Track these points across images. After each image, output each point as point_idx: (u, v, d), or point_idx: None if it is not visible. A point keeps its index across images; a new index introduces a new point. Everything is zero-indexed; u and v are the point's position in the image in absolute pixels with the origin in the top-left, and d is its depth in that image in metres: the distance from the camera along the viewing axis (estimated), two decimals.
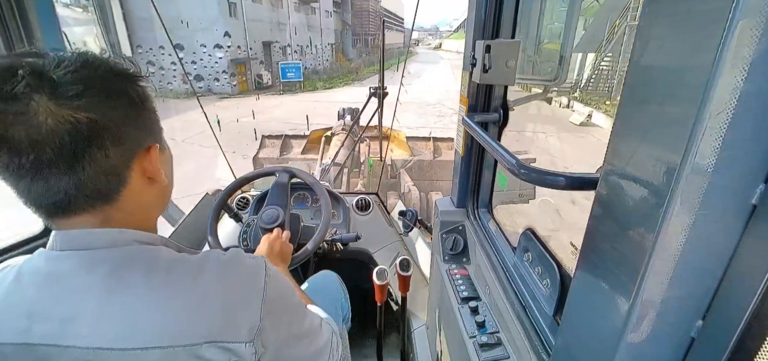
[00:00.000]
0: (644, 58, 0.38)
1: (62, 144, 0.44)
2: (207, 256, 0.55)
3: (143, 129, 0.53)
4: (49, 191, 0.46)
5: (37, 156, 0.43)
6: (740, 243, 0.34)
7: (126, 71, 0.52)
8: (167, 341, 0.47)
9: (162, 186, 0.58)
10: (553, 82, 0.93)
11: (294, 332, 0.62)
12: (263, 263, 0.59)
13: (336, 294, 1.25)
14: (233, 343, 0.50)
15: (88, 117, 0.45)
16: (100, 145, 0.47)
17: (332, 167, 3.64)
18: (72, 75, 0.45)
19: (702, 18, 0.31)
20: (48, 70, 0.44)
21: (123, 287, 0.48)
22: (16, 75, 0.43)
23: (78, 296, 0.47)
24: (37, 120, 0.42)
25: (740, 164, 0.32)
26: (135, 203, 0.54)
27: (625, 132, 0.40)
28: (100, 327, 0.47)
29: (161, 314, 0.48)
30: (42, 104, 0.43)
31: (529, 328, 0.78)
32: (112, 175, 0.50)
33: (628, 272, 0.40)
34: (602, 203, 0.44)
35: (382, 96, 3.03)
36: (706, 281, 0.37)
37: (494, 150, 0.75)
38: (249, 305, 0.53)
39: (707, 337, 0.38)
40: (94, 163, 0.47)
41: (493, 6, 0.95)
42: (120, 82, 0.50)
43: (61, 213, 0.49)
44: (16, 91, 0.42)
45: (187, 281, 0.51)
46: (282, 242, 1.14)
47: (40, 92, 0.43)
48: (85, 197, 0.48)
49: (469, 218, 1.22)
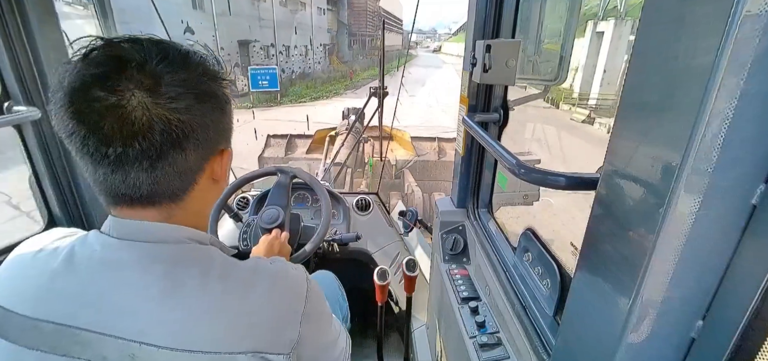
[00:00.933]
0: (644, 59, 0.38)
1: (151, 143, 0.44)
2: (257, 265, 0.55)
3: (221, 132, 0.53)
4: (125, 184, 0.46)
5: (124, 150, 0.43)
6: (740, 243, 0.34)
7: (217, 73, 0.51)
8: (214, 347, 0.47)
9: (223, 187, 0.59)
10: (553, 82, 0.93)
11: (324, 339, 0.63)
12: (305, 276, 0.59)
13: (334, 294, 1.25)
14: (273, 354, 0.50)
15: (179, 118, 0.45)
16: (184, 148, 0.47)
17: (333, 167, 3.64)
18: (173, 75, 0.45)
19: (702, 18, 0.31)
20: (150, 65, 0.44)
21: (178, 287, 0.48)
22: (125, 67, 0.43)
23: (131, 288, 0.47)
24: (134, 115, 0.42)
25: (740, 164, 0.32)
26: (198, 203, 0.54)
27: (625, 132, 0.40)
28: (150, 323, 0.46)
29: (213, 321, 0.48)
30: (140, 100, 0.43)
31: (529, 328, 0.78)
32: (185, 175, 0.50)
33: (628, 272, 0.39)
34: (602, 203, 0.44)
35: (382, 96, 3.04)
36: (706, 281, 0.37)
37: (494, 150, 0.75)
38: (292, 319, 0.54)
39: (707, 337, 0.38)
40: (174, 165, 0.47)
41: (493, 6, 0.95)
42: (211, 85, 0.50)
43: (129, 204, 0.49)
44: (119, 83, 0.42)
45: (239, 291, 0.51)
46: (281, 243, 1.14)
47: (141, 87, 0.43)
48: (156, 193, 0.49)
49: (469, 218, 1.22)
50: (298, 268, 0.60)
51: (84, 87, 0.42)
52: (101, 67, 0.43)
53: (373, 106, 3.08)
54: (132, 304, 0.46)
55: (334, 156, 4.22)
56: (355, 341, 1.94)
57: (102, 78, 0.42)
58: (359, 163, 5.88)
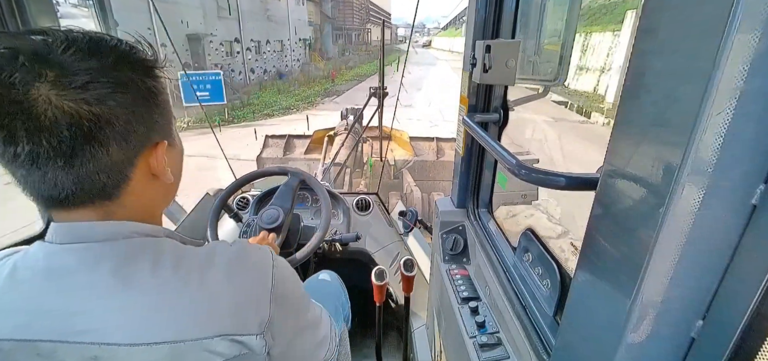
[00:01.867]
0: (644, 58, 0.38)
1: (60, 138, 0.41)
2: (213, 248, 0.54)
3: (151, 125, 0.49)
4: (46, 184, 0.44)
5: (32, 148, 0.40)
6: (740, 243, 0.34)
7: (139, 60, 0.48)
8: (175, 336, 0.46)
9: (168, 183, 0.55)
10: (553, 82, 0.93)
11: (300, 322, 0.62)
12: (270, 254, 0.57)
13: (336, 294, 1.25)
14: (244, 336, 0.50)
15: (91, 111, 0.42)
16: (102, 142, 0.44)
17: (333, 167, 3.64)
18: (79, 62, 0.42)
19: (702, 18, 0.31)
20: (54, 54, 0.41)
21: (129, 282, 0.46)
22: (16, 59, 0.39)
23: (82, 291, 0.46)
24: (36, 110, 0.39)
25: (740, 164, 0.32)
26: (137, 200, 0.51)
27: (625, 132, 0.40)
28: (106, 323, 0.45)
29: (170, 310, 0.46)
30: (43, 93, 0.39)
31: (529, 328, 0.78)
32: (112, 172, 0.47)
33: (628, 272, 0.39)
34: (602, 203, 0.44)
35: (381, 96, 3.04)
36: (706, 281, 0.37)
37: (494, 150, 0.75)
38: (259, 298, 0.52)
39: (707, 337, 0.38)
40: (94, 160, 0.44)
41: (493, 6, 0.95)
42: (130, 73, 0.46)
43: (59, 205, 0.47)
44: (14, 77, 0.39)
45: (195, 276, 0.49)
46: (268, 244, 1.14)
47: (43, 79, 0.40)
48: (83, 192, 0.46)
49: (469, 218, 1.22)
50: (262, 248, 0.58)
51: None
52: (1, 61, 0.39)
53: (372, 106, 3.08)
54: (84, 306, 0.45)
55: (333, 156, 4.22)
56: (355, 341, 1.94)
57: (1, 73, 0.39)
58: (358, 164, 5.88)
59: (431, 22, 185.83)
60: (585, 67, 15.66)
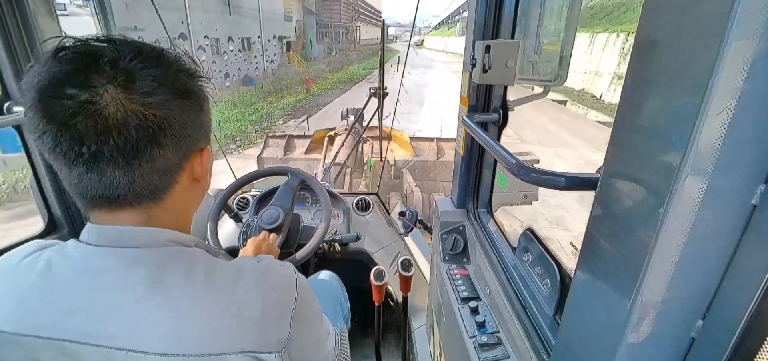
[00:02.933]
0: (644, 58, 0.38)
1: (127, 139, 0.43)
2: (243, 264, 0.55)
3: (200, 130, 0.52)
4: (102, 184, 0.45)
5: (98, 148, 0.42)
6: (740, 243, 0.34)
7: (193, 70, 0.51)
8: (202, 350, 0.46)
9: (204, 187, 0.58)
10: (553, 83, 0.93)
11: (315, 338, 0.62)
12: (294, 273, 0.58)
13: (336, 294, 1.25)
14: (264, 353, 0.50)
15: (155, 114, 0.44)
16: (161, 144, 0.46)
17: (333, 167, 3.64)
18: (147, 70, 0.44)
19: (702, 18, 0.31)
20: (123, 61, 0.43)
21: (162, 291, 0.47)
22: (97, 62, 0.42)
23: (114, 295, 0.46)
24: (107, 111, 0.41)
25: (740, 164, 0.32)
26: (178, 203, 0.53)
27: (625, 132, 0.40)
28: (135, 329, 0.45)
29: (199, 321, 0.47)
30: (114, 96, 0.42)
31: (529, 328, 0.78)
32: (165, 174, 0.49)
33: (628, 272, 0.39)
34: (602, 202, 0.44)
35: (381, 96, 3.04)
36: (706, 281, 0.37)
37: (494, 150, 0.75)
38: (281, 317, 0.53)
39: (707, 337, 0.38)
40: (152, 162, 0.46)
41: (493, 6, 0.95)
42: (188, 82, 0.49)
43: (106, 206, 0.48)
44: (91, 79, 0.41)
45: (225, 290, 0.50)
46: (268, 245, 1.15)
47: (114, 83, 0.42)
48: (135, 193, 0.47)
49: (469, 218, 1.22)
50: (286, 265, 0.59)
51: (55, 84, 0.41)
52: (72, 64, 0.42)
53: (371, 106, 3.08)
54: (115, 311, 0.46)
55: (333, 156, 4.22)
56: (355, 341, 1.94)
57: (72, 75, 0.41)
58: (358, 164, 5.88)
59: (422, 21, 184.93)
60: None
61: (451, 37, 64.82)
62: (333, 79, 23.30)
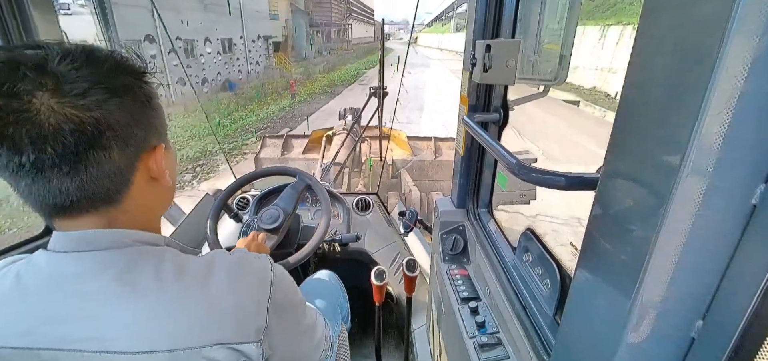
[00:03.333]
0: (644, 58, 0.38)
1: (65, 145, 0.42)
2: (213, 257, 0.54)
3: (149, 128, 0.51)
4: (51, 192, 0.44)
5: (37, 156, 0.41)
6: (740, 243, 0.34)
7: (132, 67, 0.50)
8: (177, 344, 0.46)
9: (166, 186, 0.57)
10: (553, 82, 0.93)
11: (297, 328, 0.62)
12: (269, 263, 0.58)
13: (335, 294, 1.25)
14: (242, 344, 0.50)
15: (92, 116, 0.43)
16: (105, 146, 0.45)
17: (332, 167, 3.64)
18: (77, 71, 0.43)
19: (702, 17, 0.31)
20: (51, 65, 0.42)
21: (131, 290, 0.47)
22: (17, 70, 0.40)
23: (84, 299, 0.46)
24: (39, 118, 0.40)
25: (740, 164, 0.32)
26: (139, 205, 0.52)
27: (625, 132, 0.40)
28: (109, 330, 0.45)
29: (171, 317, 0.47)
30: (44, 102, 0.40)
31: (529, 328, 0.78)
32: (116, 176, 0.48)
33: (628, 272, 0.39)
34: (602, 202, 0.44)
35: (381, 96, 3.04)
36: (706, 281, 0.37)
37: (494, 150, 0.75)
38: (257, 307, 0.53)
39: (707, 337, 0.38)
40: (98, 165, 0.45)
41: (493, 6, 0.95)
42: (126, 79, 0.48)
43: (63, 214, 0.47)
44: (17, 87, 0.40)
45: (196, 284, 0.50)
46: (257, 244, 1.15)
47: (43, 89, 0.41)
48: (87, 198, 0.46)
49: (469, 218, 1.22)
50: (261, 257, 0.59)
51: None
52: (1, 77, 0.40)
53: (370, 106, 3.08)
54: (86, 314, 0.46)
55: (333, 156, 4.22)
56: (355, 341, 1.94)
57: (1, 87, 0.40)
58: (356, 163, 5.88)
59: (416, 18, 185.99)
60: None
61: (446, 34, 63.64)
62: (322, 81, 20.79)
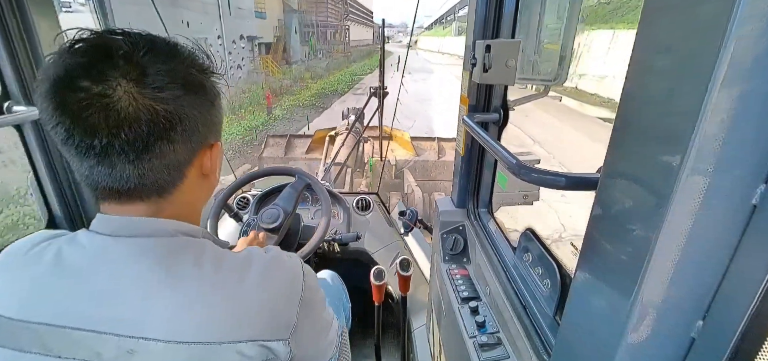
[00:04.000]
0: (644, 58, 0.38)
1: (138, 133, 0.43)
2: (250, 254, 0.55)
3: (211, 126, 0.53)
4: (112, 177, 0.46)
5: (110, 141, 0.43)
6: (740, 243, 0.34)
7: (206, 65, 0.51)
8: (212, 337, 0.46)
9: (213, 183, 0.58)
10: (553, 82, 0.93)
11: (320, 326, 0.63)
12: (300, 263, 0.59)
13: (337, 294, 1.25)
14: (272, 341, 0.50)
15: (166, 109, 0.44)
16: (171, 139, 0.46)
17: (333, 167, 3.64)
18: (159, 64, 0.45)
19: (702, 17, 0.31)
20: (137, 56, 0.44)
21: (171, 278, 0.47)
22: (111, 55, 0.42)
23: (124, 284, 0.46)
24: (120, 105, 0.42)
25: (740, 164, 0.32)
26: (186, 198, 0.53)
27: (625, 132, 0.40)
28: (144, 317, 0.45)
29: (209, 310, 0.47)
30: (126, 89, 0.42)
31: (529, 328, 0.78)
32: (174, 169, 0.49)
33: (628, 272, 0.39)
34: (602, 202, 0.44)
35: (382, 96, 3.04)
36: (706, 281, 0.37)
37: (494, 150, 0.75)
38: (288, 305, 0.54)
39: (707, 337, 0.38)
40: (162, 157, 0.47)
41: (493, 6, 0.95)
42: (200, 77, 0.50)
43: (116, 198, 0.48)
44: (105, 72, 0.41)
45: (234, 279, 0.50)
46: (259, 243, 1.15)
47: (127, 77, 0.42)
48: (144, 187, 0.48)
49: (469, 218, 1.22)
50: (292, 256, 0.59)
51: (68, 77, 0.42)
52: (86, 57, 0.42)
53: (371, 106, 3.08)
54: (124, 299, 0.46)
55: (334, 156, 4.22)
56: (355, 340, 1.94)
57: (87, 67, 0.42)
58: (359, 163, 5.88)
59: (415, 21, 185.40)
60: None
61: (447, 37, 61.98)
62: (312, 89, 17.68)
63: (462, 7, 68.68)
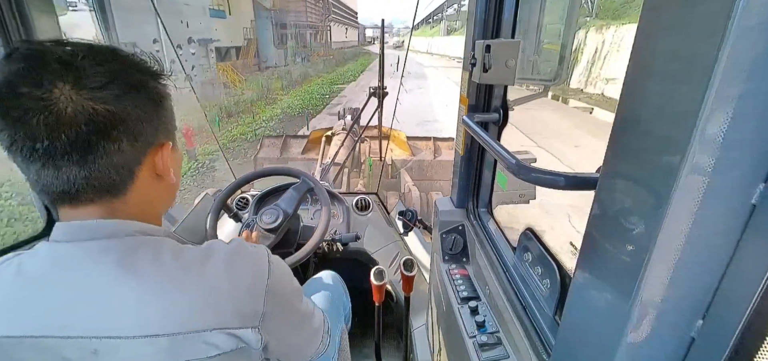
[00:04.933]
0: (644, 58, 0.38)
1: (78, 134, 0.44)
2: (211, 246, 0.56)
3: (159, 126, 0.53)
4: (59, 179, 0.46)
5: (51, 143, 0.43)
6: (740, 243, 0.34)
7: (149, 68, 0.52)
8: (175, 328, 0.47)
9: (170, 184, 0.58)
10: (553, 82, 0.93)
11: (294, 316, 0.63)
12: (266, 251, 0.59)
13: (337, 294, 1.25)
14: (240, 329, 0.51)
15: (106, 109, 0.45)
16: (115, 139, 0.47)
17: (332, 167, 3.63)
18: (98, 66, 0.45)
19: (702, 18, 0.31)
20: (76, 61, 0.45)
21: (131, 276, 0.48)
22: (46, 62, 0.43)
23: (85, 287, 0.47)
24: (58, 107, 0.43)
25: (740, 164, 0.32)
26: (141, 198, 0.54)
27: (624, 132, 0.40)
28: (108, 315, 0.46)
29: (170, 302, 0.48)
30: (64, 92, 0.43)
31: (529, 328, 0.78)
32: (122, 169, 0.50)
33: (628, 272, 0.40)
34: (602, 202, 0.44)
35: (381, 96, 3.04)
36: (706, 281, 0.37)
37: (494, 150, 0.75)
38: (255, 292, 0.54)
39: (707, 337, 0.38)
40: (106, 157, 0.47)
41: (493, 6, 0.95)
42: (142, 78, 0.50)
43: (67, 202, 0.49)
44: (42, 77, 0.42)
45: (194, 269, 0.51)
46: (251, 242, 1.14)
47: (64, 80, 0.43)
48: (92, 188, 0.48)
49: (468, 218, 1.22)
50: (258, 247, 0.60)
51: (8, 84, 0.43)
52: (23, 63, 0.43)
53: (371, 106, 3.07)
54: (87, 302, 0.47)
55: (332, 156, 4.22)
56: (355, 341, 1.94)
57: (24, 74, 0.42)
58: (356, 163, 5.87)
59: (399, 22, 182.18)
60: None
61: (436, 37, 59.38)
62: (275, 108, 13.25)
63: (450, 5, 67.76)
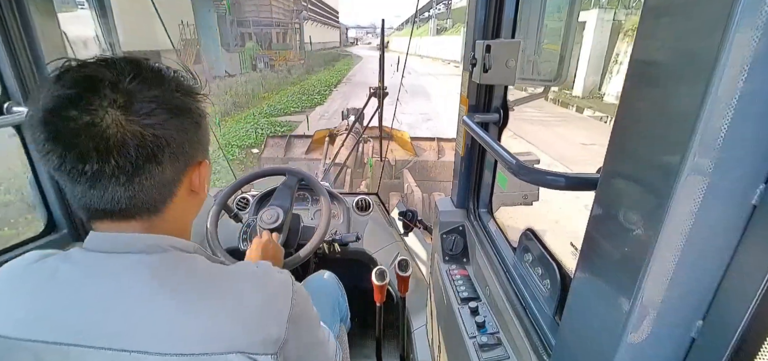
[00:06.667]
0: (644, 59, 0.38)
1: (127, 158, 0.45)
2: (241, 267, 0.57)
3: (197, 145, 0.54)
4: (104, 199, 0.48)
5: (101, 167, 0.44)
6: (740, 243, 0.34)
7: (191, 88, 0.53)
8: (202, 349, 0.47)
9: (202, 197, 0.60)
10: (553, 82, 0.93)
11: (312, 343, 0.63)
12: (291, 279, 0.60)
13: (333, 294, 1.25)
14: (260, 355, 0.51)
15: (154, 133, 0.46)
16: (160, 162, 0.48)
17: (333, 167, 3.64)
18: (145, 91, 0.46)
19: (702, 18, 0.31)
20: (123, 83, 0.45)
21: (163, 293, 0.48)
22: (97, 86, 0.44)
23: (117, 299, 0.47)
24: (108, 132, 0.44)
25: (740, 164, 0.32)
26: (177, 214, 0.56)
27: (625, 132, 0.40)
28: (137, 331, 0.46)
29: (199, 323, 0.48)
30: (114, 117, 0.44)
31: (529, 328, 0.78)
32: (164, 188, 0.51)
33: (628, 272, 0.39)
34: (602, 202, 0.44)
35: (381, 96, 3.04)
36: (706, 281, 0.37)
37: (494, 150, 0.75)
38: (277, 319, 0.54)
39: (707, 337, 0.38)
40: (151, 178, 0.48)
41: (493, 6, 0.95)
42: (185, 100, 0.51)
43: (107, 218, 0.50)
44: (92, 102, 0.43)
45: (224, 290, 0.52)
46: (275, 246, 1.14)
47: (114, 105, 0.44)
48: (135, 207, 0.50)
49: (469, 219, 1.22)
50: (283, 272, 0.61)
51: (58, 108, 0.44)
52: (74, 88, 0.44)
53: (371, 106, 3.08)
54: (118, 314, 0.47)
55: (334, 156, 4.22)
56: (355, 341, 1.94)
57: (75, 98, 0.43)
58: (359, 164, 5.87)
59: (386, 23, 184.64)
60: None
61: (424, 37, 54.14)
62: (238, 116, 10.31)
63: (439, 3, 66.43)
